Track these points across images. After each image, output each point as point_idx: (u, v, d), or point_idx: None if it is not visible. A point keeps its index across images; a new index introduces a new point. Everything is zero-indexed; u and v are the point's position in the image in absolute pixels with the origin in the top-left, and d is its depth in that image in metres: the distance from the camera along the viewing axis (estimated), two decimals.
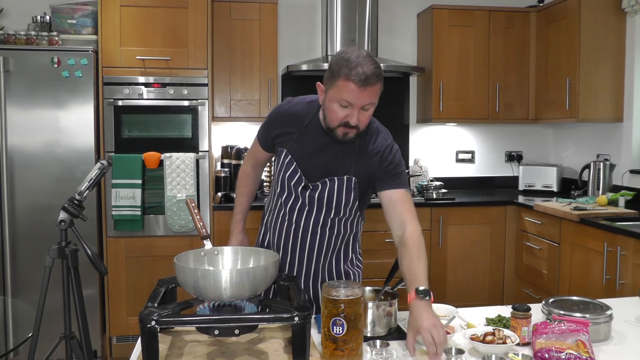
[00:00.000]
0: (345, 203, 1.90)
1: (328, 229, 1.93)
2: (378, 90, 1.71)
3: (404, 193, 1.90)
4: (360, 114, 1.71)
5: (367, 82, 1.64)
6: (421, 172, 4.38)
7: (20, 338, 2.20)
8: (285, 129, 1.91)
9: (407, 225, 1.82)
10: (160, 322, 1.30)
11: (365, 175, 1.88)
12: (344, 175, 1.86)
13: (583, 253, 3.22)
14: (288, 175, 1.90)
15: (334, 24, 4.07)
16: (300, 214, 1.92)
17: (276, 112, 1.97)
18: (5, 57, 3.24)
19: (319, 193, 1.87)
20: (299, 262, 1.97)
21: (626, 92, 3.77)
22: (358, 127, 1.74)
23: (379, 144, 1.88)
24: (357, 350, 1.42)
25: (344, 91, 1.66)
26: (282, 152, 1.91)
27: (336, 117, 1.72)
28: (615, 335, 1.63)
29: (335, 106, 1.71)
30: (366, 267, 3.72)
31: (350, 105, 1.69)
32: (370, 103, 1.72)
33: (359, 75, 1.63)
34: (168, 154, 3.44)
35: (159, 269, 3.46)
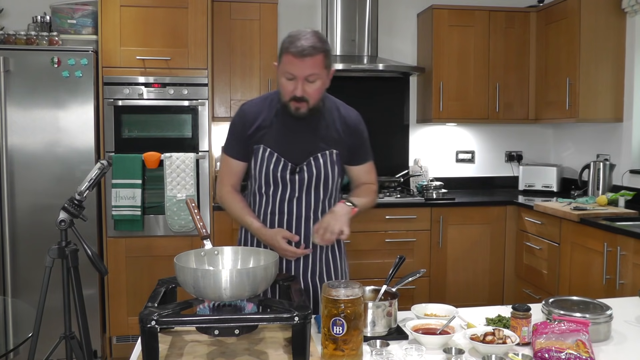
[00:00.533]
0: (332, 179, 1.98)
1: (319, 212, 1.99)
2: (319, 62, 1.81)
3: (370, 165, 2.12)
4: (305, 85, 1.82)
5: (304, 52, 1.77)
6: (421, 172, 4.38)
7: (20, 338, 2.20)
8: (256, 124, 1.96)
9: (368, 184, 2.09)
10: (160, 322, 1.30)
11: (345, 147, 1.99)
12: (325, 150, 1.96)
13: (583, 253, 3.22)
14: (273, 166, 1.94)
15: (334, 24, 4.07)
16: (291, 203, 1.96)
17: (240, 116, 2.01)
18: (5, 57, 3.24)
19: (307, 173, 1.94)
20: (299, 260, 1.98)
21: (626, 92, 3.77)
22: (307, 100, 1.85)
23: (348, 113, 2.03)
24: (357, 350, 1.42)
25: (286, 64, 1.81)
26: (260, 149, 1.95)
27: (285, 90, 1.86)
28: (615, 335, 1.63)
29: (283, 80, 1.85)
30: (366, 267, 3.75)
31: (294, 77, 1.81)
32: (313, 74, 1.81)
33: (297, 47, 1.77)
34: (168, 154, 3.44)
35: (159, 269, 3.46)
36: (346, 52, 4.09)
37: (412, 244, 3.83)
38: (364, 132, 2.06)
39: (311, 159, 1.94)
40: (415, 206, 3.83)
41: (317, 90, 1.86)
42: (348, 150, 2.00)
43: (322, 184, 1.96)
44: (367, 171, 2.09)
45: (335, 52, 4.08)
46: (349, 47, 4.09)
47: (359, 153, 2.05)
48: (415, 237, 3.83)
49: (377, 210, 3.77)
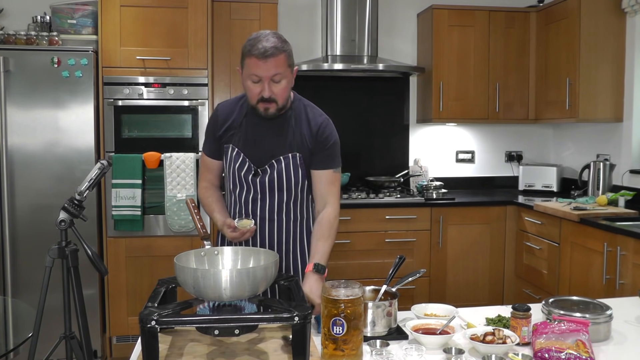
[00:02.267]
0: (295, 182, 1.99)
1: (284, 214, 2.01)
2: (282, 62, 1.85)
3: (332, 174, 2.02)
4: (271, 85, 1.86)
5: (266, 53, 1.81)
6: (421, 172, 4.38)
7: (20, 338, 2.20)
8: (227, 124, 2.02)
9: (328, 205, 2.01)
10: (160, 322, 1.30)
11: (308, 150, 1.99)
12: (288, 153, 1.97)
13: (583, 253, 3.22)
14: (237, 167, 1.99)
15: (334, 24, 4.07)
16: (255, 204, 2.00)
17: (213, 116, 2.09)
18: (5, 57, 3.24)
19: (269, 176, 1.97)
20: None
21: (626, 92, 3.77)
22: (275, 101, 1.89)
23: (315, 117, 2.01)
24: (357, 350, 1.42)
25: (250, 67, 1.84)
26: (229, 148, 2.01)
27: (252, 93, 1.89)
28: (615, 335, 1.63)
29: (249, 83, 1.88)
30: (366, 267, 3.75)
31: (259, 78, 1.85)
32: (277, 73, 1.85)
33: (259, 49, 1.81)
34: (168, 154, 3.44)
35: (159, 269, 3.46)
36: (346, 52, 4.09)
37: (412, 244, 3.83)
38: (329, 139, 2.00)
39: (273, 162, 1.97)
40: (415, 206, 3.83)
41: (283, 89, 1.89)
42: (310, 153, 1.99)
43: (284, 187, 1.99)
44: (328, 181, 2.01)
45: (335, 52, 4.08)
46: (349, 47, 4.09)
47: (319, 158, 2.00)
48: (415, 237, 3.83)
49: (377, 210, 3.78)
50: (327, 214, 1.98)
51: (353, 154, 4.37)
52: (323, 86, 4.27)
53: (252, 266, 1.60)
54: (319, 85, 4.24)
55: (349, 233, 3.73)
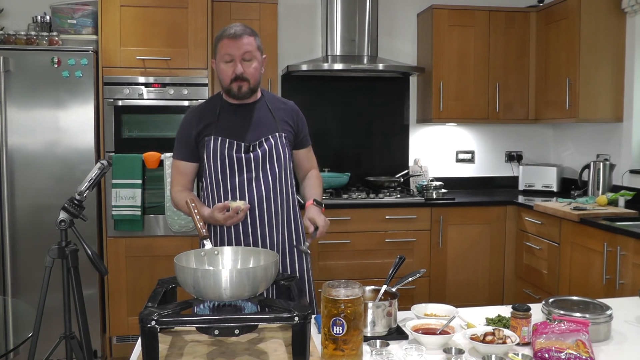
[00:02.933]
0: (284, 159, 2.10)
1: (278, 193, 2.09)
2: (252, 42, 2.02)
3: (310, 148, 2.30)
4: (243, 64, 2.01)
5: (236, 34, 1.99)
6: (421, 172, 4.38)
7: (20, 338, 2.20)
8: (203, 123, 2.09)
9: (312, 169, 2.30)
10: (160, 322, 1.30)
11: (291, 132, 2.15)
12: (275, 133, 2.09)
13: (583, 253, 3.22)
14: (227, 150, 2.04)
15: (334, 24, 4.07)
16: (250, 185, 2.05)
17: (185, 121, 2.15)
18: (5, 57, 3.24)
19: (261, 151, 2.05)
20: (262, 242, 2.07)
21: (626, 92, 3.77)
22: (247, 80, 2.02)
23: (285, 102, 2.22)
24: (357, 350, 1.42)
25: (222, 48, 2.01)
26: (211, 140, 2.06)
27: (225, 74, 2.03)
28: (615, 335, 1.63)
29: (222, 65, 2.03)
30: (366, 267, 3.75)
31: (232, 57, 2.00)
32: (247, 52, 2.00)
33: (229, 32, 2.00)
34: (168, 154, 3.44)
35: (159, 269, 3.46)
36: (346, 52, 4.09)
37: (412, 244, 3.83)
38: (304, 118, 2.24)
39: (262, 139, 2.08)
40: (415, 206, 3.83)
41: (254, 69, 2.03)
42: (294, 135, 2.17)
43: (275, 163, 2.07)
44: (309, 156, 2.29)
45: (335, 52, 4.08)
46: (349, 47, 4.09)
47: (304, 137, 2.23)
48: (415, 237, 3.83)
49: (377, 210, 3.77)
50: (313, 171, 2.29)
51: (353, 154, 4.37)
52: (323, 86, 4.27)
53: (252, 266, 1.60)
54: (319, 85, 4.24)
55: (349, 233, 3.73)
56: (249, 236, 2.07)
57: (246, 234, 2.07)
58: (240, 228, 2.07)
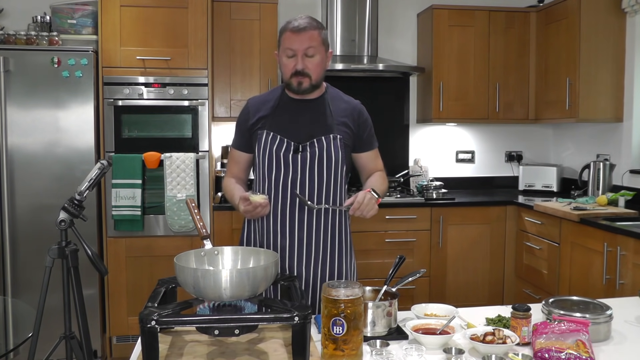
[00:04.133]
0: (335, 162, 2.00)
1: (323, 198, 2.00)
2: (316, 37, 1.93)
3: (376, 151, 2.21)
4: (304, 59, 1.93)
5: (299, 28, 1.91)
6: (421, 172, 4.38)
7: (20, 338, 2.20)
8: (259, 114, 2.03)
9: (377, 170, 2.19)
10: (160, 322, 1.30)
11: (350, 133, 2.04)
12: (329, 134, 1.99)
13: (583, 253, 3.22)
14: (276, 147, 1.98)
15: (334, 24, 4.07)
16: (294, 185, 1.97)
17: (245, 109, 2.11)
18: (5, 57, 3.24)
19: (310, 153, 1.97)
20: (298, 245, 1.98)
21: (626, 92, 3.77)
22: (309, 76, 1.94)
23: (350, 100, 2.10)
24: (357, 350, 1.42)
25: (285, 41, 1.94)
26: (263, 134, 2.00)
27: (287, 68, 1.95)
28: (615, 335, 1.63)
29: (284, 59, 1.95)
30: (366, 267, 3.75)
31: (293, 52, 1.92)
32: (311, 47, 1.92)
33: (292, 25, 1.93)
34: (168, 154, 3.44)
35: (159, 269, 3.46)
36: (346, 52, 4.09)
37: (412, 244, 3.83)
38: (369, 119, 2.12)
39: (314, 140, 1.98)
40: (415, 206, 3.83)
41: (317, 65, 1.95)
42: (355, 137, 2.06)
43: (325, 166, 1.98)
44: (375, 157, 2.18)
45: (335, 52, 4.08)
46: (349, 47, 4.09)
47: (367, 139, 2.12)
48: (415, 237, 3.83)
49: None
50: (378, 172, 2.17)
51: None
52: None
53: (252, 266, 1.60)
54: None
55: None
56: (286, 237, 1.98)
57: (283, 235, 1.98)
58: (278, 229, 1.98)
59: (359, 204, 1.89)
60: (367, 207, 1.90)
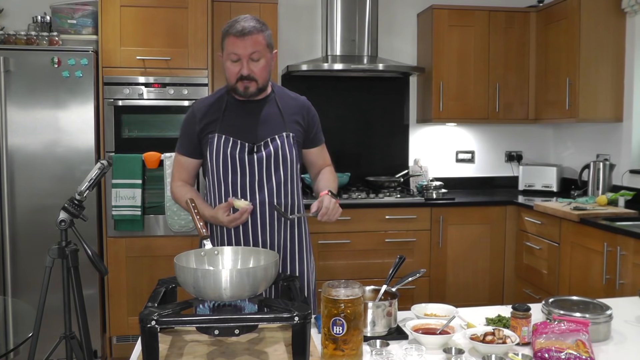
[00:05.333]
0: (291, 160, 2.01)
1: (282, 198, 2.00)
2: (260, 41, 1.90)
3: (323, 146, 2.20)
4: (250, 64, 1.91)
5: (243, 32, 1.87)
6: (421, 172, 4.38)
7: (20, 338, 2.20)
8: (207, 119, 2.01)
9: (325, 167, 2.20)
10: (160, 322, 1.30)
11: (301, 130, 2.05)
12: (282, 133, 2.00)
13: (583, 253, 3.22)
14: (230, 149, 1.96)
15: (334, 24, 4.07)
16: (252, 188, 1.97)
17: (190, 113, 2.06)
18: (5, 57, 3.24)
19: (266, 152, 1.97)
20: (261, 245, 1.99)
21: (626, 92, 3.77)
22: (255, 79, 1.93)
23: (297, 97, 2.11)
24: (357, 350, 1.42)
25: (228, 46, 1.90)
26: (214, 137, 1.98)
27: (231, 73, 1.93)
28: (615, 335, 1.63)
29: (228, 64, 1.93)
30: (366, 267, 3.75)
31: (238, 57, 1.90)
32: (255, 51, 1.90)
33: (237, 28, 1.88)
34: (168, 154, 3.44)
35: (159, 269, 3.46)
36: (346, 52, 4.09)
37: (412, 244, 3.83)
38: (317, 115, 2.14)
39: (268, 140, 1.98)
40: (415, 206, 3.83)
41: (262, 68, 1.93)
42: (304, 133, 2.07)
43: (281, 165, 1.99)
44: (323, 152, 2.19)
45: (335, 52, 4.08)
46: (349, 47, 4.09)
47: (315, 135, 2.13)
48: (415, 237, 3.83)
49: (377, 210, 3.77)
50: (327, 167, 2.18)
51: (353, 154, 4.37)
52: (323, 86, 4.27)
53: (252, 266, 1.60)
54: (319, 85, 4.24)
55: (349, 233, 3.73)
56: (249, 241, 2.00)
57: (247, 238, 2.00)
58: (240, 231, 2.00)
59: (327, 209, 1.90)
60: (332, 211, 1.91)
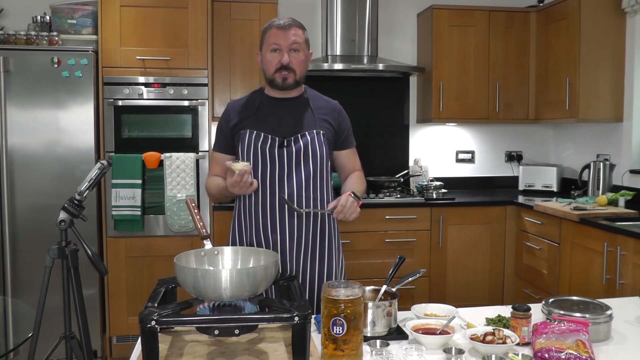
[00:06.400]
0: (320, 156, 2.02)
1: (311, 191, 2.01)
2: (300, 34, 2.00)
3: (354, 150, 2.22)
4: (290, 55, 1.98)
5: (285, 24, 1.98)
6: (421, 172, 4.38)
7: (20, 338, 2.20)
8: (241, 116, 2.06)
9: (355, 171, 2.20)
10: (160, 322, 1.30)
11: (332, 131, 2.08)
12: (312, 130, 2.03)
13: (583, 253, 3.22)
14: (260, 143, 1.99)
15: (334, 24, 4.07)
16: (282, 181, 1.99)
17: (225, 112, 2.13)
18: (5, 57, 3.24)
19: (295, 147, 1.99)
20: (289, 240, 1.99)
21: (626, 92, 3.77)
22: (294, 71, 1.99)
23: (329, 100, 2.15)
24: (357, 350, 1.42)
25: (270, 37, 1.99)
26: (246, 133, 2.02)
27: (271, 64, 1.99)
28: (615, 335, 1.63)
29: (269, 55, 2.00)
30: (366, 267, 3.75)
31: (279, 46, 1.97)
32: (296, 42, 1.97)
33: (278, 22, 1.99)
34: (168, 154, 3.44)
35: (159, 269, 3.46)
36: (346, 52, 4.09)
37: (412, 244, 3.83)
38: (347, 118, 2.17)
39: (298, 135, 2.01)
40: (415, 206, 3.83)
41: (301, 61, 2.00)
42: (335, 134, 2.09)
43: (310, 160, 2.00)
44: (353, 156, 2.20)
45: (335, 52, 4.08)
46: (349, 47, 4.09)
47: (346, 138, 2.15)
48: (415, 237, 3.83)
49: (377, 210, 3.77)
50: (357, 172, 2.19)
51: None
52: (323, 86, 4.22)
53: (252, 266, 1.60)
54: (319, 85, 4.17)
55: (349, 233, 3.73)
56: (276, 232, 1.99)
57: (274, 230, 1.99)
58: (268, 224, 1.99)
59: (342, 207, 1.91)
60: (349, 210, 1.91)
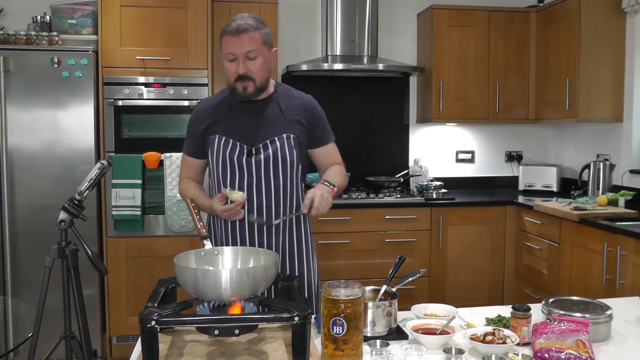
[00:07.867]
0: (290, 163, 1.97)
1: (282, 200, 1.98)
2: (256, 38, 1.87)
3: (333, 145, 2.14)
4: (246, 62, 1.88)
5: (238, 30, 1.84)
6: (421, 172, 4.38)
7: (20, 338, 2.20)
8: (210, 119, 2.01)
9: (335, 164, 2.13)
10: (160, 322, 1.30)
11: (304, 130, 2.01)
12: (282, 134, 1.96)
13: (583, 253, 3.22)
14: (229, 151, 1.95)
15: (334, 24, 4.07)
16: (250, 190, 1.95)
17: (194, 114, 2.08)
18: (5, 57, 3.24)
19: (264, 156, 1.94)
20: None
21: (626, 92, 3.77)
22: (252, 79, 1.90)
23: (301, 96, 2.07)
24: (357, 350, 1.42)
25: (226, 46, 1.88)
26: (215, 138, 1.98)
27: (230, 73, 1.91)
28: (615, 335, 1.63)
29: (226, 64, 1.90)
30: (366, 267, 3.75)
31: (234, 56, 1.87)
32: (252, 50, 1.86)
33: (231, 27, 1.86)
34: (168, 154, 3.44)
35: (159, 269, 3.46)
36: (346, 52, 4.09)
37: (412, 244, 3.83)
38: (322, 113, 2.09)
39: (267, 142, 1.96)
40: (415, 206, 3.83)
41: (259, 67, 1.90)
42: (309, 133, 2.03)
43: (280, 167, 1.96)
44: (331, 152, 2.13)
45: (335, 52, 4.08)
46: (349, 47, 4.09)
47: (321, 134, 2.08)
48: (415, 237, 3.83)
49: (377, 210, 3.78)
50: (336, 165, 2.12)
51: (353, 154, 4.36)
52: (323, 86, 4.27)
53: (252, 266, 1.60)
54: (319, 85, 4.24)
55: (349, 233, 3.73)
56: (248, 242, 1.98)
57: (245, 239, 1.98)
58: (237, 234, 1.98)
59: (316, 208, 1.86)
60: (321, 204, 1.86)
